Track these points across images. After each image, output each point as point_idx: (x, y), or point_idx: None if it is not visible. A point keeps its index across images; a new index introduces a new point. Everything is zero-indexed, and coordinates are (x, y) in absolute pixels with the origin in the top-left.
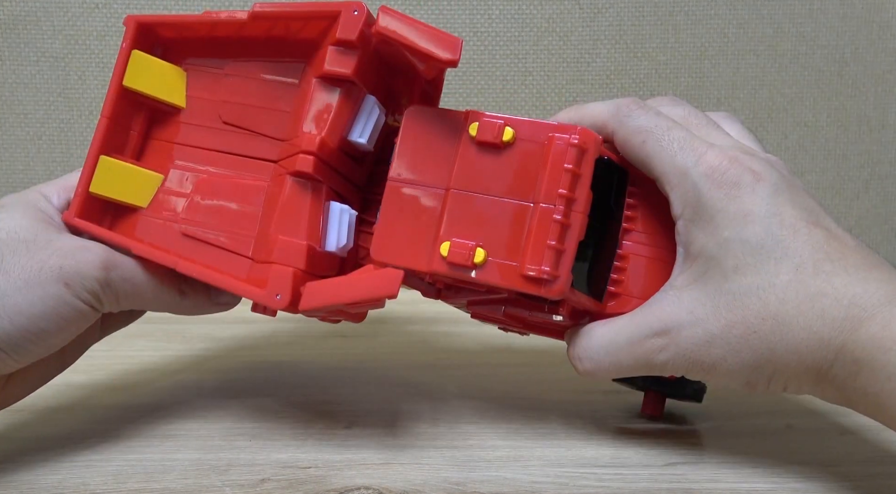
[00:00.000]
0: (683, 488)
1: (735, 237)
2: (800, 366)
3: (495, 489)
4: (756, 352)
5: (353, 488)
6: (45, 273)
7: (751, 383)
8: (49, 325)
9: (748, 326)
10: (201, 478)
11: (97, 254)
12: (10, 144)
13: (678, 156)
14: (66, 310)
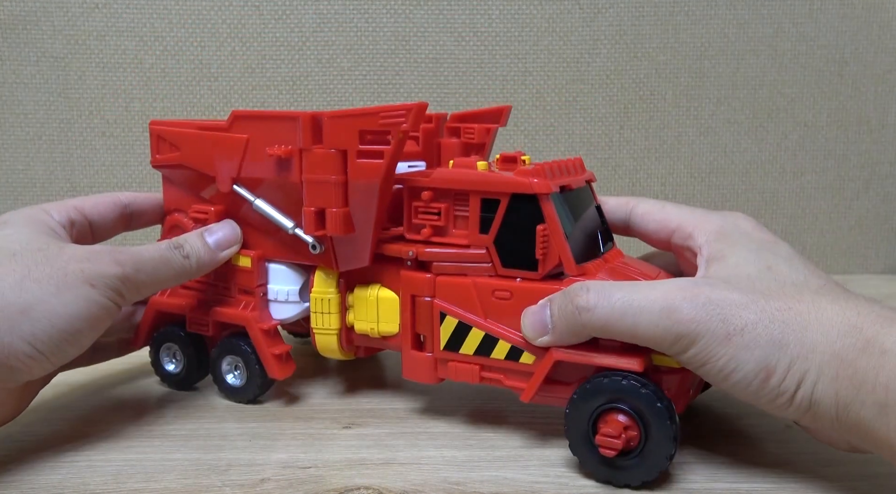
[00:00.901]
0: (683, 488)
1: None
2: (826, 350)
3: (495, 489)
4: (787, 326)
5: (353, 488)
6: (70, 277)
7: (769, 368)
8: (83, 324)
9: (785, 301)
10: (201, 478)
11: (108, 255)
12: (10, 144)
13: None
14: (95, 308)
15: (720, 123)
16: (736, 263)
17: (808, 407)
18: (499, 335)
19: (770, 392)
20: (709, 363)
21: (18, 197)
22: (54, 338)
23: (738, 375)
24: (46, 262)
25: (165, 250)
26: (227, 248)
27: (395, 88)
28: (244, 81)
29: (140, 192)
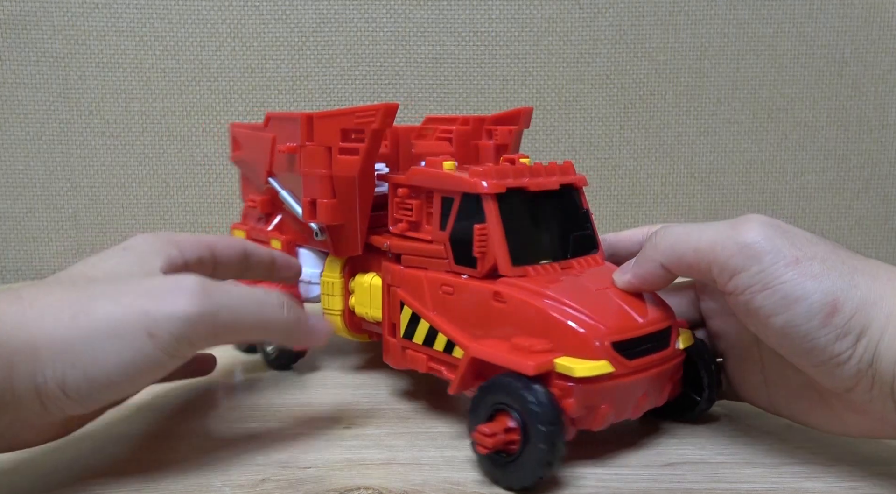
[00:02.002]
0: (683, 488)
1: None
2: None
3: (496, 489)
4: (856, 271)
5: (353, 488)
6: (129, 320)
7: (836, 302)
8: (123, 379)
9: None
10: (201, 478)
11: (188, 288)
12: (10, 144)
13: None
14: (144, 364)
15: (720, 123)
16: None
17: (871, 362)
18: (439, 328)
19: (832, 331)
20: (770, 287)
21: (18, 197)
22: (84, 387)
23: (802, 305)
24: (115, 295)
25: (263, 293)
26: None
27: (395, 88)
28: (244, 81)
29: (259, 246)
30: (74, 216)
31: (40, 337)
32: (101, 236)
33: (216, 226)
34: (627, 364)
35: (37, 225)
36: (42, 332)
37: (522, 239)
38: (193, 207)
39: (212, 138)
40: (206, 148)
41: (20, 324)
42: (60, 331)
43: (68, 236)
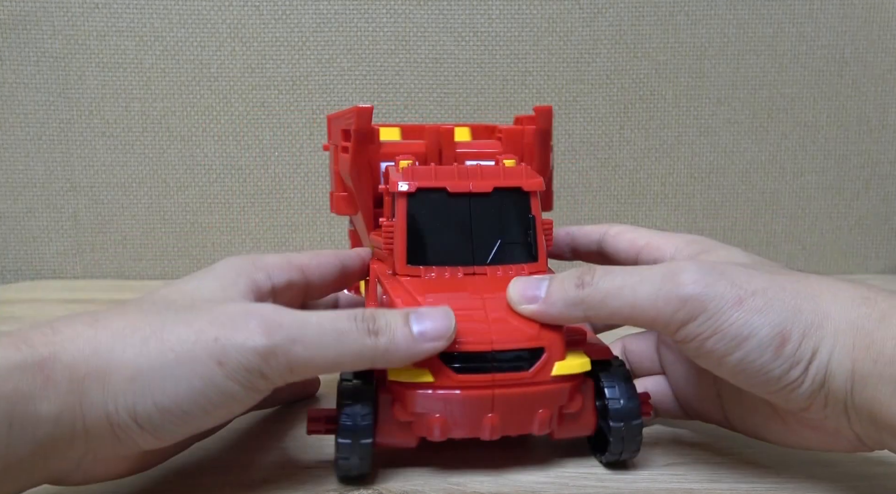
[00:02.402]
0: (683, 488)
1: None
2: (841, 319)
3: (495, 489)
4: (798, 295)
5: (353, 488)
6: (199, 347)
7: (784, 333)
8: (195, 408)
9: (792, 275)
10: (202, 478)
11: (261, 318)
12: (10, 144)
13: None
14: (214, 393)
15: (720, 123)
16: (719, 255)
17: (823, 382)
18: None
19: (785, 362)
20: (719, 332)
21: (18, 197)
22: (156, 417)
23: (752, 342)
24: (187, 320)
25: (345, 320)
26: (434, 341)
27: (395, 88)
28: (244, 81)
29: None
30: (74, 216)
31: (112, 363)
32: (101, 236)
33: (216, 226)
34: (454, 377)
35: (37, 225)
36: (113, 357)
37: (426, 240)
38: (193, 207)
39: (212, 138)
40: (206, 148)
41: (93, 348)
42: (130, 356)
43: (68, 236)
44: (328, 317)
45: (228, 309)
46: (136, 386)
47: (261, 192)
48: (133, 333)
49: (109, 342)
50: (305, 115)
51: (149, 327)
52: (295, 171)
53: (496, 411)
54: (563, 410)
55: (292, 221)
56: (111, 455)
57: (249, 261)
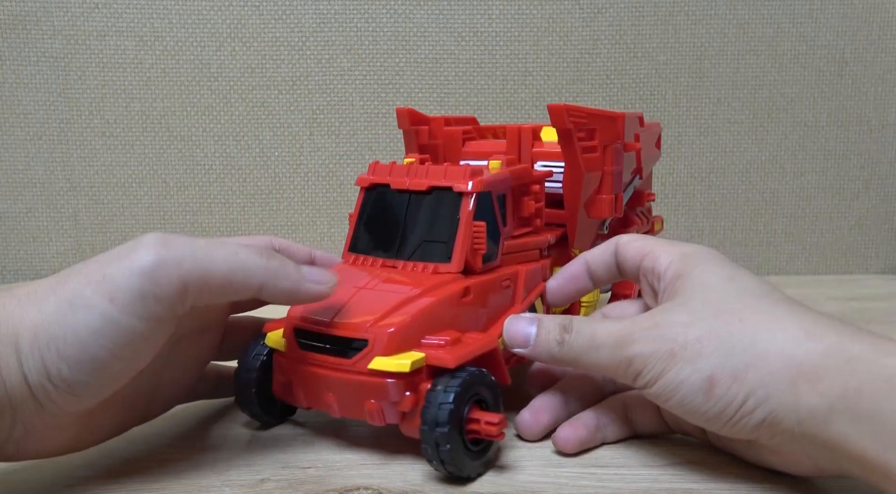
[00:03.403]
0: (683, 488)
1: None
2: (779, 358)
3: (495, 489)
4: (733, 337)
5: (353, 488)
6: (89, 289)
7: (712, 378)
8: (101, 353)
9: (736, 313)
10: (201, 478)
11: (147, 241)
12: (10, 144)
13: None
14: (115, 332)
15: (720, 123)
16: (699, 274)
17: (763, 419)
18: None
19: (716, 404)
20: (658, 382)
21: (18, 197)
22: (66, 372)
23: (683, 389)
24: (80, 270)
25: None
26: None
27: (395, 88)
28: (244, 81)
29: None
30: (74, 216)
31: (18, 326)
32: (101, 236)
33: (216, 226)
34: (297, 351)
35: (37, 225)
36: (19, 321)
37: (367, 231)
38: (193, 207)
39: (212, 138)
40: (206, 148)
41: (3, 316)
42: (32, 316)
43: (68, 236)
44: (221, 242)
45: (119, 248)
46: (40, 343)
47: (261, 192)
48: (34, 295)
49: (15, 308)
50: (305, 115)
51: (48, 287)
52: (295, 171)
53: (332, 391)
54: (398, 407)
55: (292, 221)
56: (40, 424)
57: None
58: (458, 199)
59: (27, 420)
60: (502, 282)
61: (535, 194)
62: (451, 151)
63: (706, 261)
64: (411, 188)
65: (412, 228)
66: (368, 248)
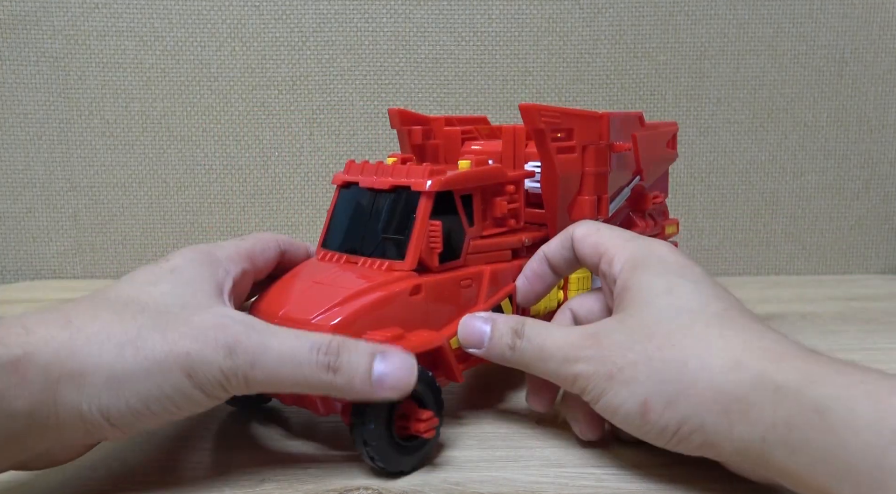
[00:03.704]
0: (683, 488)
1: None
2: (708, 386)
3: (495, 489)
4: (665, 364)
5: (353, 488)
6: (171, 359)
7: (647, 403)
8: (162, 411)
9: (668, 338)
10: (201, 478)
11: (224, 339)
12: (10, 144)
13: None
14: (182, 400)
15: (720, 123)
16: (641, 287)
17: (701, 443)
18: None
19: (653, 428)
20: (600, 400)
21: (18, 197)
22: (125, 415)
23: (622, 411)
24: (163, 329)
25: (306, 351)
26: (390, 390)
27: (395, 88)
28: (244, 81)
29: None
30: (74, 216)
31: (87, 366)
32: (101, 236)
33: (216, 226)
34: None
35: (37, 225)
36: (89, 361)
37: (337, 227)
38: (193, 207)
39: (212, 138)
40: (206, 148)
41: (68, 351)
42: (107, 361)
43: (68, 236)
44: (291, 345)
45: (199, 321)
46: (111, 389)
47: (261, 192)
48: (109, 338)
49: (85, 346)
50: (305, 115)
51: (125, 334)
52: (295, 171)
53: None
54: (338, 399)
55: (292, 221)
56: (78, 444)
57: (207, 258)
58: (416, 198)
59: (67, 441)
60: (462, 282)
61: (510, 195)
62: (450, 151)
63: (649, 269)
64: (375, 187)
65: (374, 225)
66: (337, 244)
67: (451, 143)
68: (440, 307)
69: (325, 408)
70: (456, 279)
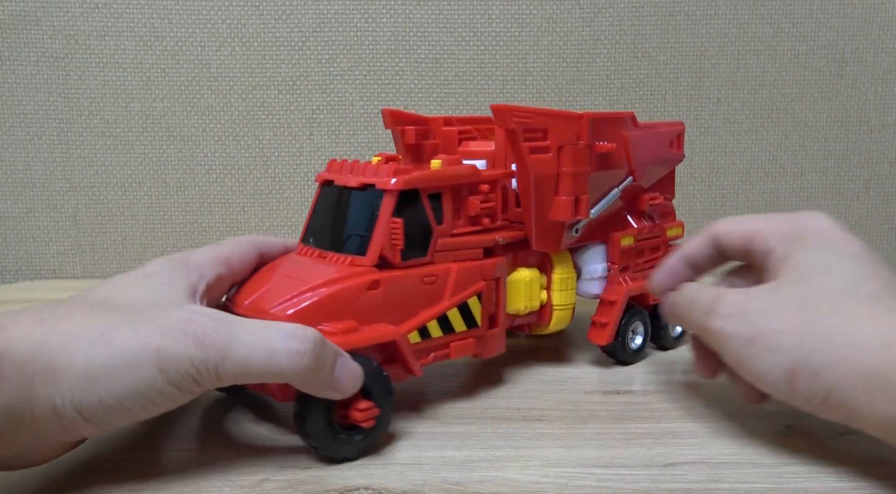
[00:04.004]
0: (683, 488)
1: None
2: (854, 362)
3: (495, 489)
4: (812, 335)
5: (353, 488)
6: (143, 355)
7: (795, 370)
8: (136, 406)
9: (818, 312)
10: (201, 478)
11: (199, 332)
12: (10, 144)
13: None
14: (155, 395)
15: (720, 123)
16: (796, 264)
17: (846, 414)
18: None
19: (800, 396)
20: (741, 366)
21: (18, 197)
22: (99, 412)
23: (769, 377)
24: (133, 325)
25: (281, 339)
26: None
27: (395, 88)
28: (244, 81)
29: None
30: (74, 216)
31: (61, 362)
32: (101, 236)
33: (216, 226)
34: None
35: (37, 225)
36: (62, 357)
37: (315, 223)
38: (193, 207)
39: (212, 138)
40: (206, 148)
41: (42, 347)
42: (79, 358)
43: (68, 236)
44: (262, 334)
45: (170, 317)
46: (83, 384)
47: (261, 192)
48: (82, 336)
49: (59, 342)
50: (305, 115)
51: (96, 331)
52: (295, 171)
53: None
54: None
55: (292, 221)
56: (54, 442)
57: (182, 263)
58: (381, 195)
59: (43, 439)
60: (425, 278)
61: (485, 194)
62: (448, 150)
63: (806, 244)
64: (348, 185)
65: (344, 221)
66: (312, 239)
67: (448, 143)
68: (401, 303)
69: (283, 395)
70: (417, 276)
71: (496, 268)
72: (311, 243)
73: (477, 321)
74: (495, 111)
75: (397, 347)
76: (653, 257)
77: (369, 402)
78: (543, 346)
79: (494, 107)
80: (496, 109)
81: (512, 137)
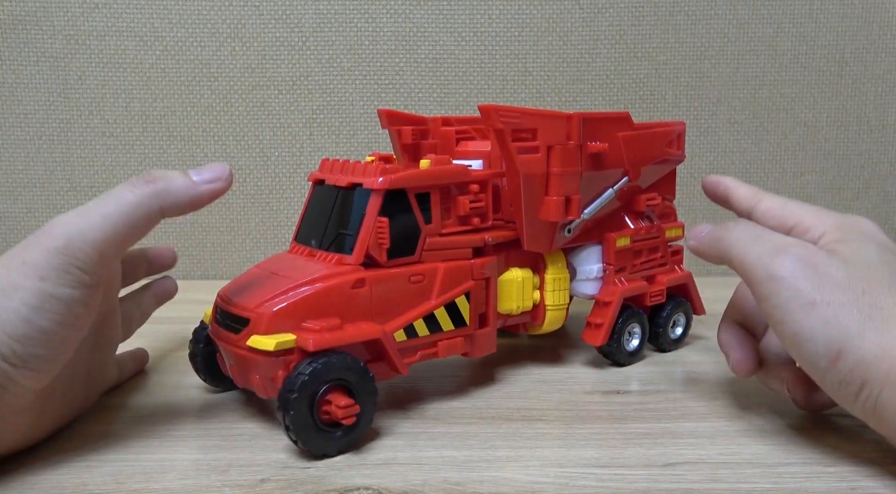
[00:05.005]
0: (683, 488)
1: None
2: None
3: (495, 489)
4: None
5: (353, 488)
6: (15, 275)
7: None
8: (46, 322)
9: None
10: (201, 478)
11: (42, 233)
12: (10, 144)
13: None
14: (53, 303)
15: (720, 123)
16: (860, 246)
17: (874, 409)
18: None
19: (837, 375)
20: (785, 324)
21: (18, 197)
22: (17, 347)
23: (809, 346)
24: (3, 262)
25: (121, 186)
26: (211, 182)
27: (395, 88)
28: (244, 81)
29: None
30: None
31: None
32: None
33: (216, 226)
34: (214, 326)
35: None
36: None
37: (305, 222)
38: None
39: (212, 138)
40: (206, 148)
41: None
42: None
43: None
44: (104, 202)
45: (30, 236)
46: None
47: (261, 192)
48: None
49: None
50: (305, 115)
51: None
52: (295, 171)
53: (231, 362)
54: (275, 383)
55: (292, 221)
56: (3, 407)
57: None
58: (367, 195)
59: None
60: (411, 277)
61: (474, 194)
62: (446, 150)
63: (865, 236)
64: (337, 184)
65: (333, 220)
66: (304, 237)
67: (446, 143)
68: (387, 301)
69: (266, 391)
70: (404, 275)
71: (485, 267)
72: (301, 241)
73: (465, 320)
74: (483, 111)
75: (382, 345)
76: (651, 258)
77: (349, 400)
78: (543, 346)
79: (482, 107)
80: (483, 109)
81: (500, 137)
